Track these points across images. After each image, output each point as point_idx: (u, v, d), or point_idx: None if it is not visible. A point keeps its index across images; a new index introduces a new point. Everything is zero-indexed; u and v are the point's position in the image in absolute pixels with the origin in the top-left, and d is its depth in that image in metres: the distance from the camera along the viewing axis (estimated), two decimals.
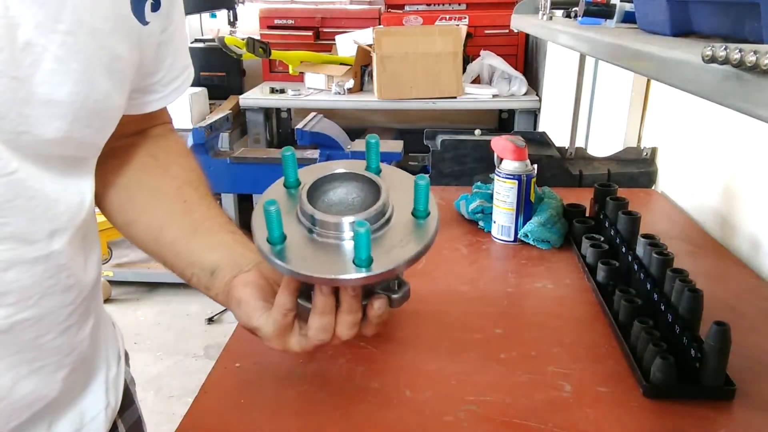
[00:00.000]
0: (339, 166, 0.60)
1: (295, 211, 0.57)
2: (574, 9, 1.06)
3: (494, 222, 1.15)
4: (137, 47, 0.55)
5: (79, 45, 0.47)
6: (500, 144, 1.13)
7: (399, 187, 0.59)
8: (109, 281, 2.97)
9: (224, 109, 2.88)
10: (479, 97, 2.82)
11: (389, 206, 0.57)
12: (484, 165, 1.45)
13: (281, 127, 3.44)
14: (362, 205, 0.58)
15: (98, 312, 0.64)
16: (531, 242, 1.12)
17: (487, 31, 3.07)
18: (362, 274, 0.52)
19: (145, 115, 0.65)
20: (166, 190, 0.67)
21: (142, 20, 0.54)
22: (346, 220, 0.54)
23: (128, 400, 0.71)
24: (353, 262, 0.53)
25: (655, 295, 0.82)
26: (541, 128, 2.72)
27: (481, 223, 1.20)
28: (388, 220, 0.56)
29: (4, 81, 0.43)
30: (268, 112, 3.13)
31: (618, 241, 1.00)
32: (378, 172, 0.60)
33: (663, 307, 0.79)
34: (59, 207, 0.51)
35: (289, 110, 3.41)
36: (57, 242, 0.51)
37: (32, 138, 0.46)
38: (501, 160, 1.13)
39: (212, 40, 3.06)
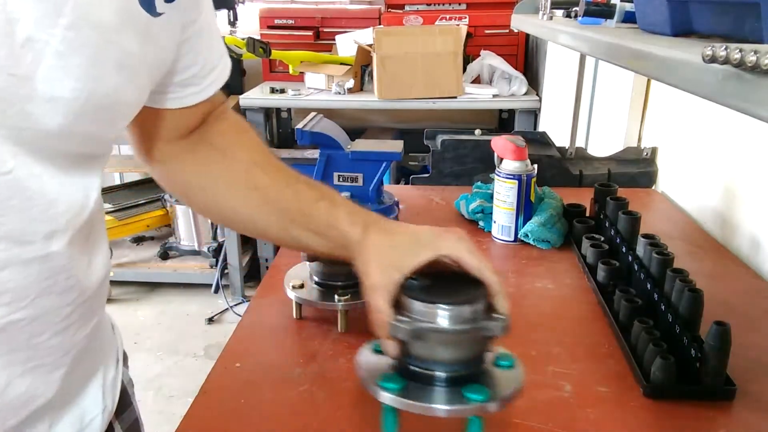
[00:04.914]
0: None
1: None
2: (574, 9, 1.06)
3: (494, 222, 1.15)
4: (150, 40, 0.53)
5: (82, 40, 0.46)
6: (500, 144, 1.13)
7: None
8: (110, 281, 2.96)
9: None
10: (479, 97, 2.82)
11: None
12: (484, 165, 1.45)
13: (281, 127, 3.43)
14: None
15: (101, 312, 0.64)
16: (531, 242, 1.12)
17: (487, 31, 3.06)
18: None
19: (199, 106, 0.66)
20: (236, 183, 0.69)
21: (153, 12, 0.52)
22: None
23: (125, 402, 0.71)
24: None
25: (656, 295, 0.82)
26: (541, 128, 2.71)
27: (481, 223, 1.20)
28: None
29: (2, 77, 0.43)
30: (268, 112, 3.13)
31: (618, 241, 0.99)
32: None
33: (663, 307, 0.79)
34: (59, 207, 0.50)
35: (289, 110, 3.40)
36: (56, 243, 0.50)
37: (33, 133, 0.46)
38: (501, 160, 1.13)
39: None
